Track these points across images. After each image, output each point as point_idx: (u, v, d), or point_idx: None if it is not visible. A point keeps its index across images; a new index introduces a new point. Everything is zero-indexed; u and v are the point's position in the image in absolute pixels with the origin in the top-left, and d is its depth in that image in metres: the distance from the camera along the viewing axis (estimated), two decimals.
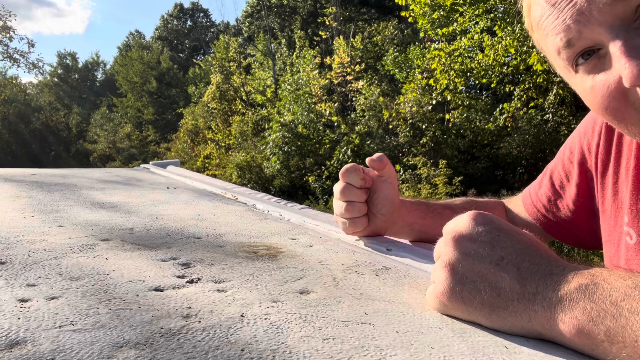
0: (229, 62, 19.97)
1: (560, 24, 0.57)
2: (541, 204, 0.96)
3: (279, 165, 13.02)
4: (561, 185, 0.92)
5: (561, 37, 0.58)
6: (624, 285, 0.45)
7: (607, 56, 0.56)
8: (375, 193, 0.89)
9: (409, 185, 9.90)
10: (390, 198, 0.89)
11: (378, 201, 0.89)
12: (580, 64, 0.59)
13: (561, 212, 0.92)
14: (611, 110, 0.58)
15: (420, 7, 9.03)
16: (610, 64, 0.56)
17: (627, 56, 0.52)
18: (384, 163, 0.87)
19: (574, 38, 0.57)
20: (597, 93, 0.58)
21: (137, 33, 46.34)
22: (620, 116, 0.58)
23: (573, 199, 0.89)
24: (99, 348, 0.42)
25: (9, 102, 28.98)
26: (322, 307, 0.55)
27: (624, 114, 0.57)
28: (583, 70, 0.59)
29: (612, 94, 0.57)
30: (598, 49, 0.57)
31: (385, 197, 0.88)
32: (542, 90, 9.76)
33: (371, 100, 12.71)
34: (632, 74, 0.51)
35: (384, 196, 0.88)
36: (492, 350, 0.46)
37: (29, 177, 1.76)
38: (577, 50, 0.58)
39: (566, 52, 0.59)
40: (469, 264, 0.53)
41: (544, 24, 0.60)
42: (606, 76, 0.57)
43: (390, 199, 0.89)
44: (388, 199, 0.88)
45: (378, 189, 0.89)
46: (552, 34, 0.59)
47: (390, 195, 0.89)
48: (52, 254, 0.72)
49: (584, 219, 0.89)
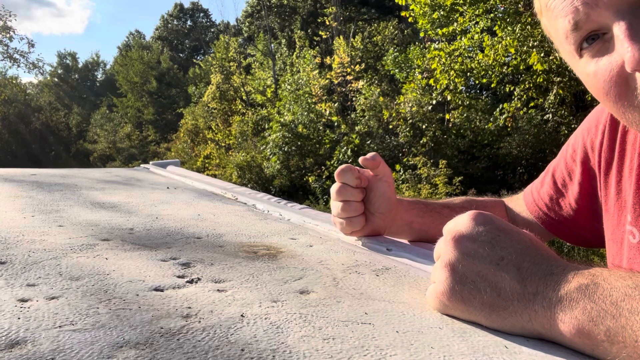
0: (229, 62, 19.97)
1: (569, 5, 0.57)
2: (543, 202, 0.96)
3: (279, 165, 13.02)
4: (563, 184, 0.92)
5: (569, 19, 0.57)
6: (624, 285, 0.45)
7: (612, 40, 0.55)
8: (372, 192, 0.89)
9: (409, 185, 9.90)
10: (387, 196, 0.89)
11: (375, 200, 0.89)
12: (585, 48, 0.58)
13: (563, 210, 0.92)
14: (612, 95, 0.58)
15: (420, 7, 9.03)
16: (614, 48, 0.55)
17: (630, 39, 0.51)
18: (378, 162, 0.87)
19: (581, 20, 0.56)
20: (600, 77, 0.58)
21: (137, 33, 46.39)
22: (620, 102, 0.58)
23: (575, 197, 0.89)
24: (99, 348, 0.42)
25: (9, 102, 28.98)
26: (322, 307, 0.55)
27: (624, 100, 0.57)
28: (587, 55, 0.59)
29: (614, 78, 0.56)
30: (603, 33, 0.56)
31: (381, 195, 0.88)
32: (542, 90, 9.75)
33: (371, 100, 12.71)
34: (634, 57, 0.51)
35: (381, 194, 0.89)
36: (492, 350, 0.46)
37: (29, 177, 1.76)
38: (583, 33, 0.57)
39: (573, 35, 0.58)
40: (469, 263, 0.53)
41: (553, 5, 0.59)
42: (609, 60, 0.56)
43: (387, 197, 0.89)
44: (385, 197, 0.89)
45: (374, 187, 0.89)
46: (561, 16, 0.58)
47: (386, 194, 0.89)
48: (52, 254, 0.72)
49: (586, 217, 0.89)
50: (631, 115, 0.57)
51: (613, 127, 0.80)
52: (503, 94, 11.70)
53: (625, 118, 0.59)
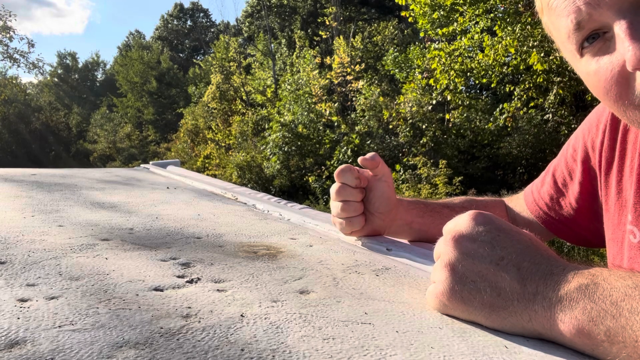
0: (229, 62, 19.97)
1: (571, 5, 0.56)
2: (543, 202, 0.95)
3: (279, 165, 13.02)
4: (564, 183, 0.92)
5: (572, 19, 0.57)
6: (624, 285, 0.45)
7: (613, 39, 0.55)
8: (371, 192, 0.89)
9: (409, 185, 9.90)
10: (386, 196, 0.89)
11: (374, 199, 0.89)
12: (586, 47, 0.58)
13: (564, 210, 0.92)
14: (613, 94, 0.57)
15: (420, 7, 9.03)
16: (615, 47, 0.55)
17: (631, 38, 0.51)
18: (377, 162, 0.87)
19: (584, 20, 0.56)
20: (601, 76, 0.57)
21: (137, 33, 46.39)
22: (620, 101, 0.57)
23: (576, 197, 0.89)
24: (98, 348, 0.42)
25: (9, 102, 28.97)
26: (322, 307, 0.55)
27: (625, 99, 0.57)
28: (588, 54, 0.58)
29: (615, 77, 0.56)
30: (604, 32, 0.56)
31: (381, 195, 0.89)
32: (542, 90, 9.75)
33: (371, 100, 12.71)
34: (635, 56, 0.50)
35: (380, 194, 0.89)
36: (492, 350, 0.46)
37: (29, 177, 1.76)
38: (585, 33, 0.57)
39: (575, 35, 0.58)
40: (469, 263, 0.53)
41: (555, 4, 0.59)
42: (610, 59, 0.56)
43: (386, 197, 0.89)
44: (384, 196, 0.89)
45: (374, 187, 0.89)
46: (563, 15, 0.58)
47: (386, 193, 0.89)
48: (52, 254, 0.72)
49: (587, 217, 0.89)
50: (632, 113, 0.57)
51: (614, 126, 0.79)
52: (503, 94, 11.70)
53: (626, 117, 0.59)
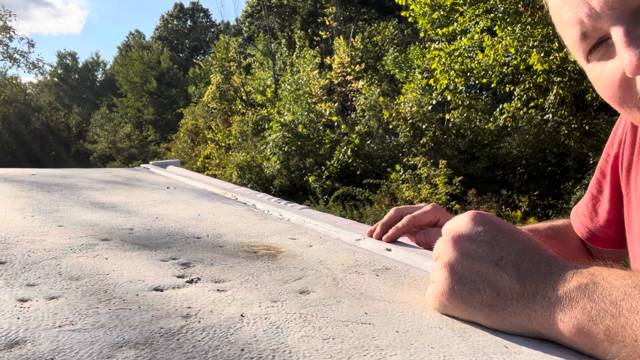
0: (229, 62, 19.95)
1: (575, 16, 0.57)
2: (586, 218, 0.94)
3: (279, 165, 13.01)
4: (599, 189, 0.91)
5: (576, 29, 0.58)
6: (623, 284, 0.45)
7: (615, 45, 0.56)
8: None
9: (409, 185, 9.89)
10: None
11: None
12: (591, 53, 0.59)
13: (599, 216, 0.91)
14: (617, 98, 0.59)
15: (420, 7, 9.02)
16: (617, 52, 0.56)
17: (627, 46, 0.52)
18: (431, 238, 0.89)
19: (588, 31, 0.57)
20: (605, 81, 0.59)
21: (137, 33, 46.39)
22: (625, 104, 0.59)
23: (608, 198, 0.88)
24: (98, 348, 0.42)
25: (9, 102, 28.95)
26: (322, 307, 0.55)
27: (628, 102, 0.58)
28: (594, 59, 0.60)
29: (617, 82, 0.57)
30: (607, 38, 0.57)
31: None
32: (542, 90, 9.74)
33: (371, 100, 12.70)
34: (632, 64, 0.51)
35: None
36: (492, 350, 0.46)
37: (29, 177, 1.76)
38: (592, 42, 0.58)
39: (582, 44, 0.59)
40: (468, 264, 0.53)
41: (559, 14, 0.60)
42: (613, 64, 0.57)
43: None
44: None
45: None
46: (569, 26, 0.59)
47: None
48: (52, 254, 0.72)
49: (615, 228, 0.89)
50: (637, 115, 0.59)
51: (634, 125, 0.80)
52: (503, 94, 11.69)
53: (632, 117, 0.61)
